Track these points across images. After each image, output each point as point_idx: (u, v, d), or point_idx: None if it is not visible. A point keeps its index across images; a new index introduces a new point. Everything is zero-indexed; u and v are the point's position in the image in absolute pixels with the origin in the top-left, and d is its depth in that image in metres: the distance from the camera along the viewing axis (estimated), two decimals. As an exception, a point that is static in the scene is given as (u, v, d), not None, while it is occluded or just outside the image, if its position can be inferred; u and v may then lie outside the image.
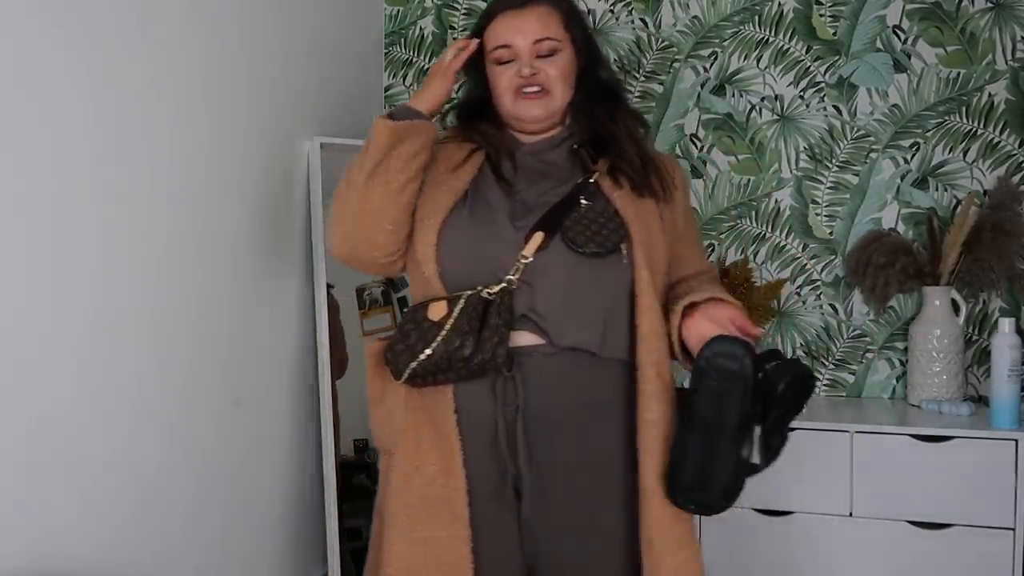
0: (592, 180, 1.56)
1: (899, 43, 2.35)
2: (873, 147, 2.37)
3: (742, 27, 2.45)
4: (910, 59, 2.34)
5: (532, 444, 1.48)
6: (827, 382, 2.42)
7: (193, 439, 1.79)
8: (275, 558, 2.07)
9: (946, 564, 1.97)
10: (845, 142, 2.39)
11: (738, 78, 2.46)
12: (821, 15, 2.40)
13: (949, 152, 2.33)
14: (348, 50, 2.50)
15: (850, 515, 2.03)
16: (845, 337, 2.41)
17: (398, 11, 2.70)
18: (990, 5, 2.29)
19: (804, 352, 2.43)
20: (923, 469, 1.98)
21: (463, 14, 2.65)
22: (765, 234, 2.45)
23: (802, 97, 2.42)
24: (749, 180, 2.46)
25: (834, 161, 2.40)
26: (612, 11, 2.54)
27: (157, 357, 1.70)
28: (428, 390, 1.51)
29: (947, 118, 2.33)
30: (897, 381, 2.37)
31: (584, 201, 1.52)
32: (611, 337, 1.50)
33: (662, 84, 2.51)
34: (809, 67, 2.41)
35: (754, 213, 2.46)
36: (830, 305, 2.42)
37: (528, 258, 1.47)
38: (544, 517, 1.50)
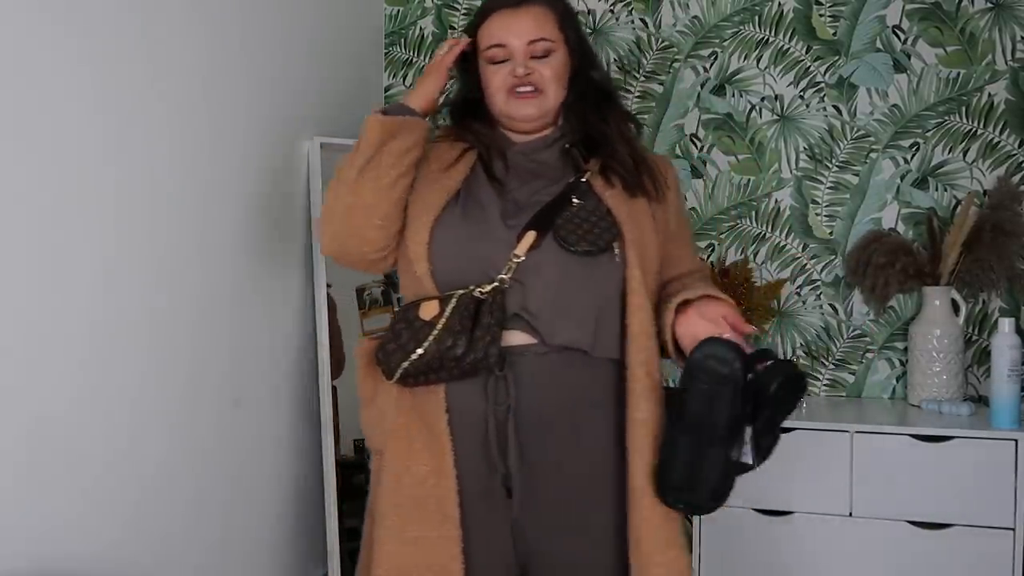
0: (584, 179, 1.56)
1: (899, 43, 2.35)
2: (873, 147, 2.37)
3: (742, 27, 2.45)
4: (910, 59, 2.34)
5: (523, 444, 1.48)
6: (827, 382, 2.42)
7: (193, 439, 1.80)
8: (275, 558, 2.07)
9: (946, 564, 1.97)
10: (845, 142, 2.39)
11: (738, 78, 2.46)
12: (821, 15, 2.40)
13: (949, 152, 2.33)
14: (348, 50, 2.50)
15: (850, 515, 2.03)
16: (845, 337, 2.41)
17: (398, 11, 2.71)
18: (990, 5, 2.29)
19: (804, 352, 2.43)
20: (923, 469, 1.98)
21: (463, 14, 2.65)
22: (765, 234, 2.45)
23: (802, 97, 2.42)
24: (749, 180, 2.46)
25: (834, 161, 2.40)
26: (612, 11, 2.54)
27: (157, 357, 1.70)
28: (420, 390, 1.51)
29: (947, 118, 2.33)
30: (897, 381, 2.37)
31: (576, 200, 1.52)
32: (603, 336, 1.50)
33: (662, 84, 2.51)
34: (809, 67, 2.41)
35: (754, 213, 2.46)
36: (830, 305, 2.42)
37: (520, 257, 1.47)
38: (534, 517, 1.50)
